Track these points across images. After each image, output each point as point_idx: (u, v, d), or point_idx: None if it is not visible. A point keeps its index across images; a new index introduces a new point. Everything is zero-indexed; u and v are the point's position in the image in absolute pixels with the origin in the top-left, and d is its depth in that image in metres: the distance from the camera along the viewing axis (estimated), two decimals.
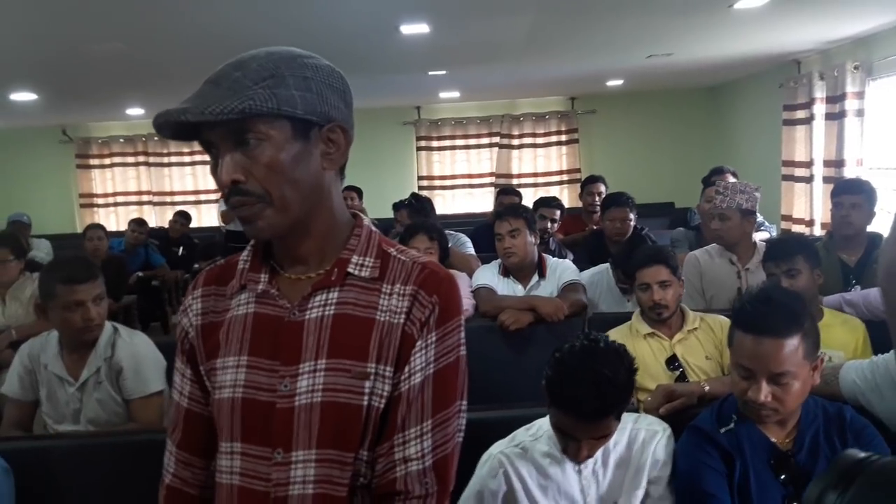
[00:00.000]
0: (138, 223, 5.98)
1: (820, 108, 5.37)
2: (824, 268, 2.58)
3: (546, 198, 4.69)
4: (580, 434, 1.51)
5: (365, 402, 0.97)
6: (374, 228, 1.08)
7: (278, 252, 1.06)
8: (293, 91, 0.93)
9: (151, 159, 8.71)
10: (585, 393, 1.45)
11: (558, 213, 4.45)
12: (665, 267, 2.44)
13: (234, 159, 0.94)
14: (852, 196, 3.01)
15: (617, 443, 1.62)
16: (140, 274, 5.73)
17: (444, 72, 5.87)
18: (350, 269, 1.02)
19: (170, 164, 8.72)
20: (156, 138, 8.54)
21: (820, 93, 5.36)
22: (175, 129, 0.93)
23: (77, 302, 2.19)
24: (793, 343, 1.50)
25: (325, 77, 0.98)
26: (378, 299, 1.00)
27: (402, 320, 0.99)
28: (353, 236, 1.05)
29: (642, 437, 1.65)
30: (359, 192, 6.28)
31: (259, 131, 0.92)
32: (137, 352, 2.30)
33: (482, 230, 4.60)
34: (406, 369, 0.98)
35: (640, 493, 1.61)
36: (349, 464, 0.98)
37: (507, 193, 5.09)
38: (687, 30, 4.56)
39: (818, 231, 5.37)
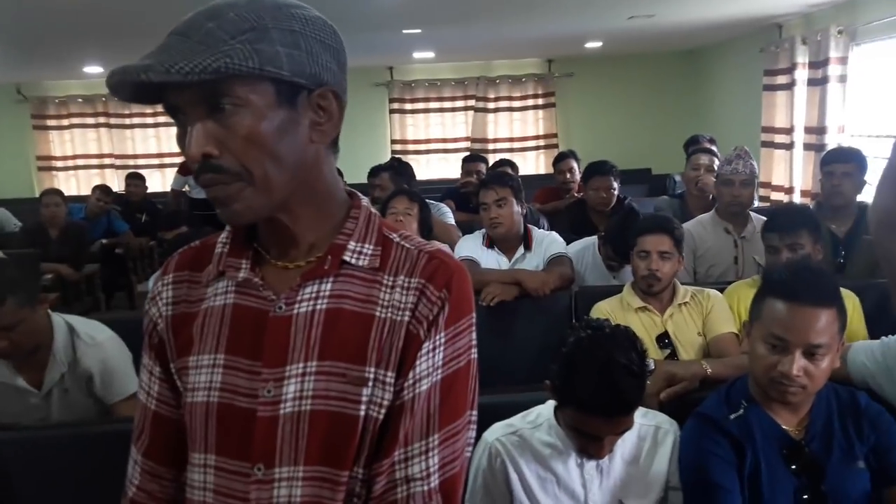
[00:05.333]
0: (104, 191, 5.69)
1: (802, 74, 5.28)
2: None
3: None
4: (603, 431, 1.40)
5: (362, 412, 0.84)
6: (374, 210, 0.94)
7: (263, 235, 0.91)
8: (278, 47, 0.78)
9: (112, 120, 8.32)
10: (605, 390, 1.33)
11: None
12: (669, 238, 2.33)
13: (206, 129, 0.78)
14: (844, 165, 2.94)
15: (625, 438, 1.52)
16: (104, 241, 5.50)
17: (418, 30, 5.65)
18: (346, 258, 0.87)
19: (132, 126, 8.34)
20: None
21: (802, 58, 5.27)
22: (134, 90, 0.77)
23: None
24: (831, 314, 1.42)
25: (317, 31, 0.82)
26: (378, 293, 0.86)
27: (406, 318, 0.85)
28: (350, 219, 0.90)
29: (652, 436, 1.55)
30: None
31: (236, 95, 0.77)
32: (105, 356, 2.05)
33: (449, 195, 4.83)
34: (410, 375, 0.85)
35: (652, 500, 1.52)
36: (342, 483, 0.84)
37: (473, 160, 5.05)
38: None
39: (797, 199, 5.34)
